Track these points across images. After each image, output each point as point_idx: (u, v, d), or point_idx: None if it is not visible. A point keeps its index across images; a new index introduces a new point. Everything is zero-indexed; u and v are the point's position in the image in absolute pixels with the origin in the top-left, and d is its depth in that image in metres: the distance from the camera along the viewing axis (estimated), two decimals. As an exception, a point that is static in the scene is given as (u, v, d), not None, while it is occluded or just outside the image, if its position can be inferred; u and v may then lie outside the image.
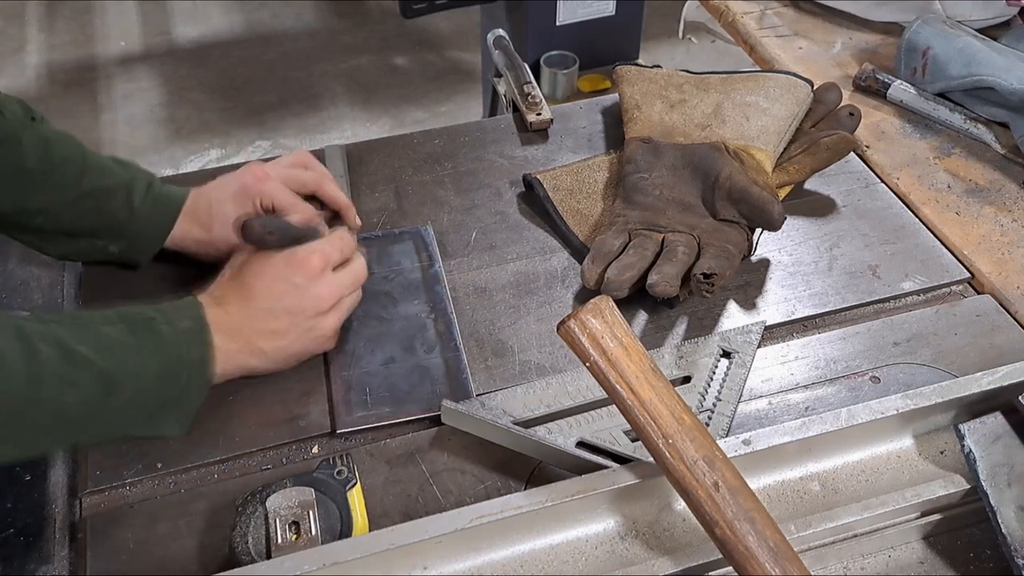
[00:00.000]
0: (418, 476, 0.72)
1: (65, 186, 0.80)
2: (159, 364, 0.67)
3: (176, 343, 0.68)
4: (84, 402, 0.63)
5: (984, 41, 1.11)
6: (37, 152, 0.79)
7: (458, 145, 1.04)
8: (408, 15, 1.64)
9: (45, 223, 0.81)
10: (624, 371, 0.62)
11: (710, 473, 0.60)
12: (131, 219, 0.83)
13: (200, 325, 0.71)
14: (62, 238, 0.83)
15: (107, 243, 0.84)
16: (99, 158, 0.83)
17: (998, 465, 0.66)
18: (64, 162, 0.81)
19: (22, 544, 0.66)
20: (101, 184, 0.82)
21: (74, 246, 0.84)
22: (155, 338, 0.67)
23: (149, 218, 0.83)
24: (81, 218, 0.82)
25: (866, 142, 1.05)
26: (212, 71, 2.84)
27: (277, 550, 0.62)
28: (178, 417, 0.70)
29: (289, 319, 0.75)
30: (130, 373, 0.65)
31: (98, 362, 0.63)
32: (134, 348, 0.66)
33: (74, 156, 0.82)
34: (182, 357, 0.68)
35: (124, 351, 0.65)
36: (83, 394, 0.62)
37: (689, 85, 1.02)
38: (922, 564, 0.67)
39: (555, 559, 0.65)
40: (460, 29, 2.90)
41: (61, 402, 0.61)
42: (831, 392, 0.79)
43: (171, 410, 0.69)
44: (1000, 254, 0.91)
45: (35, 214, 0.80)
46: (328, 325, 0.77)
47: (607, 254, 0.84)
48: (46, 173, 0.79)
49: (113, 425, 0.66)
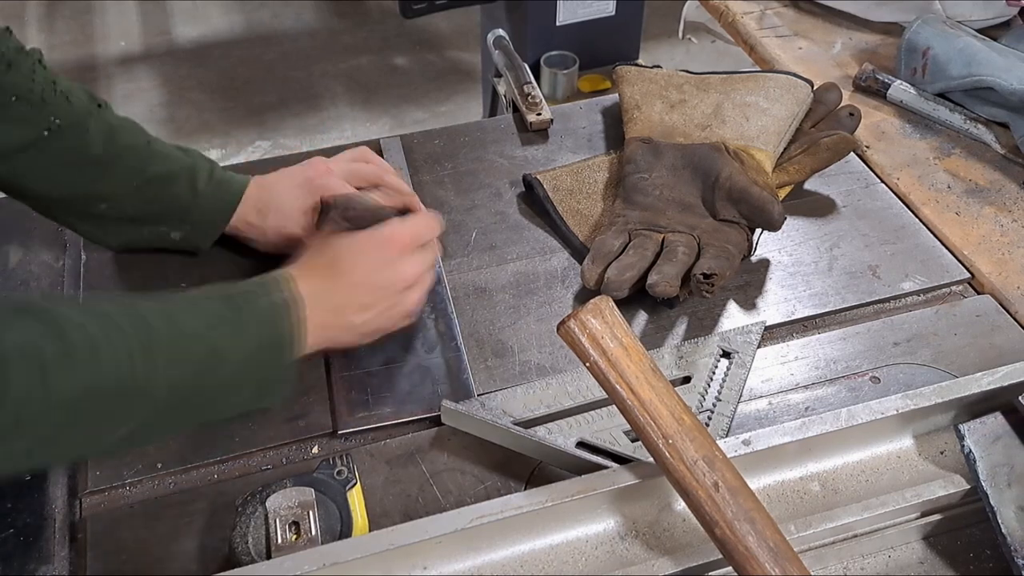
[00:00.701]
0: (418, 476, 0.72)
1: (129, 173, 0.81)
2: (257, 338, 0.67)
3: (271, 317, 0.68)
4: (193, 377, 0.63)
5: (984, 41, 1.11)
6: (102, 139, 0.79)
7: (458, 145, 1.04)
8: (408, 15, 1.65)
9: (109, 210, 0.82)
10: (624, 371, 0.62)
11: (710, 473, 0.60)
12: (194, 204, 0.83)
13: (292, 298, 0.71)
14: (126, 225, 0.84)
15: (170, 229, 0.84)
16: (162, 144, 0.84)
17: (998, 465, 0.66)
18: (128, 149, 0.81)
19: (22, 544, 0.66)
20: (165, 170, 0.82)
21: (137, 233, 0.84)
22: (253, 312, 0.67)
23: (211, 203, 0.84)
24: (145, 204, 0.82)
25: (866, 142, 1.05)
26: (212, 71, 2.84)
27: (277, 550, 0.62)
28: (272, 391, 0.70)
29: (377, 293, 0.75)
30: (232, 348, 0.65)
31: (205, 335, 0.64)
32: (236, 323, 0.66)
33: (138, 143, 0.82)
34: (276, 330, 0.68)
35: (226, 326, 0.65)
36: (192, 368, 0.62)
37: (689, 85, 1.02)
38: (922, 564, 0.67)
39: (555, 559, 0.65)
40: (460, 29, 2.89)
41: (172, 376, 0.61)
42: (831, 392, 0.79)
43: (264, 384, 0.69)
44: (1000, 254, 0.91)
45: (99, 201, 0.81)
46: (411, 301, 0.78)
47: (607, 254, 0.84)
48: (111, 160, 0.80)
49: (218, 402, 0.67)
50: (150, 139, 0.83)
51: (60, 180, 0.79)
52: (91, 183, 0.80)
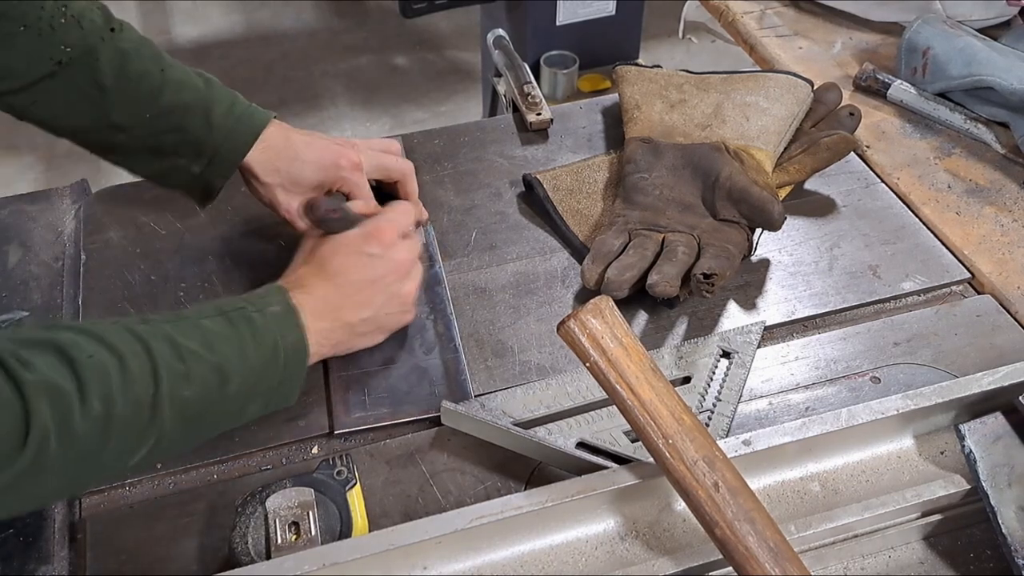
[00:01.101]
0: (418, 476, 0.72)
1: (142, 102, 0.78)
2: (259, 353, 0.67)
3: (270, 330, 0.68)
4: (201, 397, 0.63)
5: (984, 41, 1.11)
6: (114, 67, 0.77)
7: (458, 145, 1.04)
8: (408, 15, 1.65)
9: (128, 141, 0.80)
10: (624, 371, 0.62)
11: (710, 473, 0.60)
12: (209, 136, 0.80)
13: (289, 309, 0.70)
14: (146, 156, 0.81)
15: (189, 162, 0.81)
16: (179, 71, 0.81)
17: (998, 465, 0.66)
18: (141, 77, 0.78)
19: (22, 544, 0.66)
20: (179, 100, 0.79)
21: (159, 165, 0.82)
22: (251, 327, 0.67)
23: (228, 136, 0.81)
24: (161, 135, 0.80)
25: (866, 142, 1.05)
26: (212, 71, 2.82)
27: (277, 550, 0.62)
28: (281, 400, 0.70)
29: (372, 288, 0.75)
30: (235, 363, 0.65)
31: (206, 355, 0.64)
32: (235, 338, 0.66)
33: (151, 70, 0.79)
34: (278, 343, 0.68)
35: (226, 343, 0.65)
36: (198, 388, 0.63)
37: (689, 85, 1.02)
38: (922, 564, 0.67)
39: (555, 559, 0.65)
40: (460, 29, 2.89)
41: (181, 397, 0.61)
42: (831, 392, 0.79)
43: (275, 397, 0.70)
44: (1000, 254, 0.91)
45: (117, 131, 0.79)
46: (408, 291, 0.78)
47: (607, 254, 0.84)
48: (123, 90, 0.77)
49: (228, 416, 0.67)
50: (165, 65, 0.80)
51: (74, 112, 0.77)
52: (104, 114, 0.78)
